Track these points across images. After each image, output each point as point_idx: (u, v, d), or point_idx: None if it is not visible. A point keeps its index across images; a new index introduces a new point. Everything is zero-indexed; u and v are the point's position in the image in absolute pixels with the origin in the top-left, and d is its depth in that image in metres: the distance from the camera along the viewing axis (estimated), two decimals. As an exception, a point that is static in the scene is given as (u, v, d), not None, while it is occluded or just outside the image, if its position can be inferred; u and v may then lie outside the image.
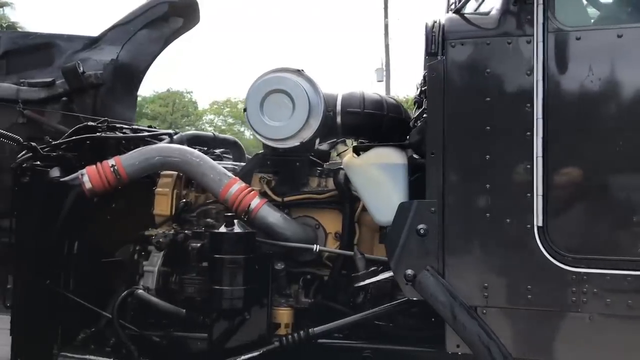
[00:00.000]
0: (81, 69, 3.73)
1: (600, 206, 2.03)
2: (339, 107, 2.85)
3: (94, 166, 2.70)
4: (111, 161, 2.71)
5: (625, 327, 2.00)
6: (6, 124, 3.56)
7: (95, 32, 4.12)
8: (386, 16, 25.40)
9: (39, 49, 4.09)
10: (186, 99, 39.70)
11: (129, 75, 4.05)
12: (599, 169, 2.05)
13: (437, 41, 2.17)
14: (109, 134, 2.92)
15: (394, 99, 3.01)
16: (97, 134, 2.90)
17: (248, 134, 37.08)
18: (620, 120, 2.03)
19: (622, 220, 2.00)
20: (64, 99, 3.78)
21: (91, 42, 4.05)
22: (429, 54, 2.19)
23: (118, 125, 3.06)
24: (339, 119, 2.85)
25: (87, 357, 2.58)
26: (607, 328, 2.00)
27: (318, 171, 2.91)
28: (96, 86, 3.80)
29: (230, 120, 41.62)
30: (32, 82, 3.88)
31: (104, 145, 2.89)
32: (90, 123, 2.97)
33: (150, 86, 34.09)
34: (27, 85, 3.87)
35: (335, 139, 2.89)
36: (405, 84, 42.27)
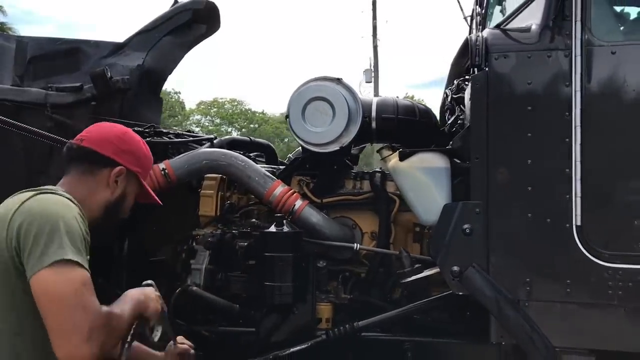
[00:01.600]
0: (109, 74, 3.84)
1: (633, 206, 2.21)
2: (374, 114, 3.01)
3: (144, 169, 2.82)
4: (161, 165, 2.84)
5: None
6: (35, 128, 3.66)
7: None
8: (374, 18, 25.73)
9: (66, 55, 4.17)
10: (173, 99, 39.59)
11: (154, 80, 4.16)
12: (631, 173, 2.22)
13: (481, 54, 2.33)
14: (157, 139, 3.04)
15: (425, 105, 3.18)
16: (146, 139, 3.01)
17: (235, 134, 37.14)
18: (651, 127, 2.21)
19: (655, 220, 2.18)
20: (92, 103, 3.88)
21: (117, 48, 4.15)
22: (473, 66, 2.35)
23: (164, 130, 3.19)
24: (374, 125, 3.01)
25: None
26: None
27: (353, 174, 3.07)
28: (123, 91, 3.90)
29: (218, 121, 41.61)
30: (60, 87, 3.96)
31: (151, 150, 3.01)
32: (137, 128, 3.09)
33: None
34: (55, 90, 3.96)
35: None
36: (394, 85, 42.57)
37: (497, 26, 2.42)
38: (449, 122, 2.93)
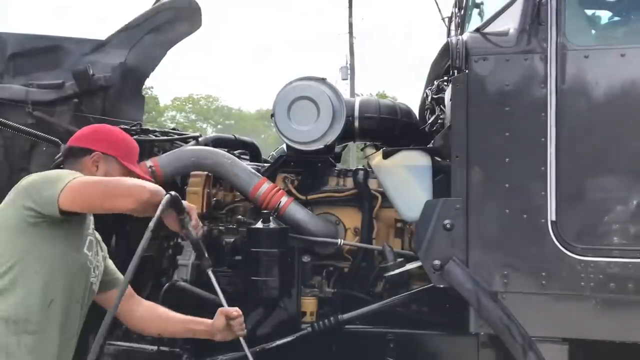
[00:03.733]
0: (91, 71, 3.85)
1: (604, 202, 2.32)
2: (357, 113, 3.10)
3: (132, 167, 2.86)
4: (149, 162, 2.89)
5: (627, 310, 2.30)
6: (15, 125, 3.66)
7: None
8: (350, 15, 25.86)
9: (47, 52, 4.17)
10: (147, 95, 39.18)
11: (135, 77, 4.19)
12: (603, 171, 2.34)
13: (462, 56, 2.43)
14: (144, 137, 3.08)
15: (406, 105, 3.27)
16: (133, 137, 3.04)
17: (210, 130, 36.96)
18: (621, 127, 2.33)
19: (624, 215, 2.30)
20: (73, 100, 3.89)
21: (99, 46, 4.16)
22: (454, 68, 2.45)
23: (150, 128, 3.22)
24: (356, 124, 3.10)
25: (132, 345, 2.75)
26: (611, 310, 2.30)
27: (336, 171, 3.16)
28: (105, 88, 3.93)
29: (193, 117, 41.34)
30: (41, 84, 3.96)
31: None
32: (123, 126, 3.12)
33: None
34: (36, 87, 3.96)
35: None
36: (370, 82, 42.82)
37: (477, 30, 2.52)
38: (430, 121, 3.03)
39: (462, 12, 3.40)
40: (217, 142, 3.36)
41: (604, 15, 2.81)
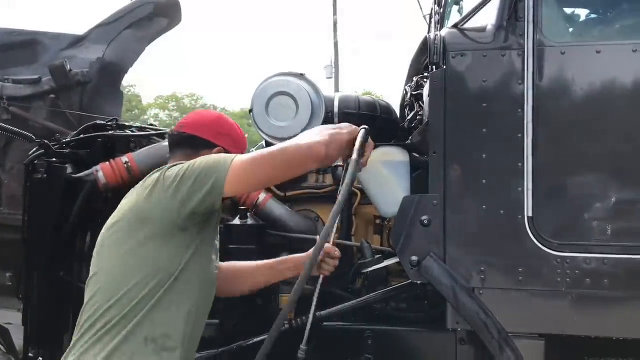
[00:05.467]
0: (68, 66, 3.80)
1: (581, 199, 2.34)
2: (336, 109, 3.09)
3: (108, 163, 2.83)
4: (124, 158, 2.85)
5: (602, 305, 2.31)
6: (-11, 120, 3.60)
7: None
8: (335, 14, 25.85)
9: (23, 46, 4.11)
10: (130, 93, 38.83)
11: (114, 73, 4.14)
12: (579, 167, 2.35)
13: (439, 52, 2.43)
14: (120, 133, 3.04)
15: (386, 102, 3.27)
16: (109, 132, 3.01)
17: (194, 129, 36.48)
18: (598, 124, 2.34)
19: (601, 211, 2.31)
20: (50, 96, 3.83)
21: (76, 41, 4.11)
22: (432, 64, 2.45)
23: (127, 124, 3.18)
24: (336, 120, 3.08)
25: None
26: (587, 306, 2.32)
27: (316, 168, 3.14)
28: (83, 84, 3.88)
29: (176, 115, 41.03)
30: (17, 79, 3.90)
31: (114, 143, 3.01)
32: (99, 122, 3.08)
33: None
34: (12, 82, 3.89)
35: None
36: (354, 81, 42.90)
37: (455, 26, 2.52)
38: (409, 118, 3.03)
39: (442, 9, 3.40)
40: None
41: (581, 11, 2.83)
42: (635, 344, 2.34)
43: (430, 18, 3.65)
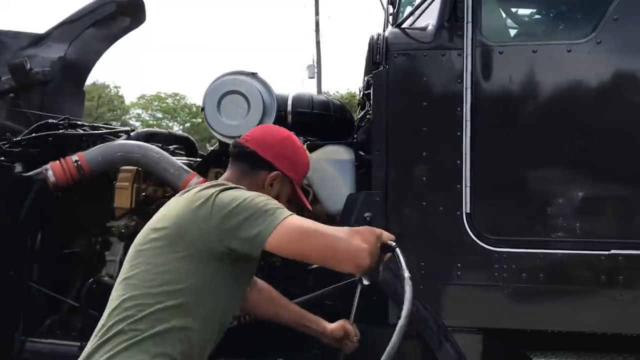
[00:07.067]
0: (28, 65, 3.79)
1: (517, 195, 2.39)
2: (289, 108, 3.10)
3: (57, 162, 2.83)
4: (74, 157, 2.85)
5: (538, 299, 2.36)
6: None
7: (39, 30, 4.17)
8: (317, 13, 25.91)
9: (-18, 45, 4.09)
10: (112, 93, 38.52)
11: (76, 72, 4.14)
12: (516, 164, 2.41)
13: (382, 52, 2.47)
14: (71, 131, 3.04)
15: (340, 101, 3.29)
16: (60, 131, 3.01)
17: (176, 128, 36.55)
18: (533, 122, 2.39)
19: (535, 207, 2.37)
20: (10, 95, 3.82)
21: (38, 39, 4.11)
22: (374, 63, 2.48)
23: (79, 122, 3.19)
24: (289, 119, 3.10)
25: (55, 341, 2.72)
26: (523, 300, 2.37)
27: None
28: (43, 83, 3.87)
29: (159, 115, 40.79)
30: (-25, 78, 3.88)
31: (65, 142, 3.02)
32: (51, 120, 3.08)
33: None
34: (-31, 81, 3.87)
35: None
36: (337, 80, 42.93)
37: (398, 25, 2.56)
38: (359, 116, 3.06)
39: (396, 9, 3.43)
40: (149, 137, 3.34)
41: (519, 12, 2.88)
42: (574, 337, 2.40)
43: (385, 18, 3.69)
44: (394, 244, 1.85)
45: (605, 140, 2.33)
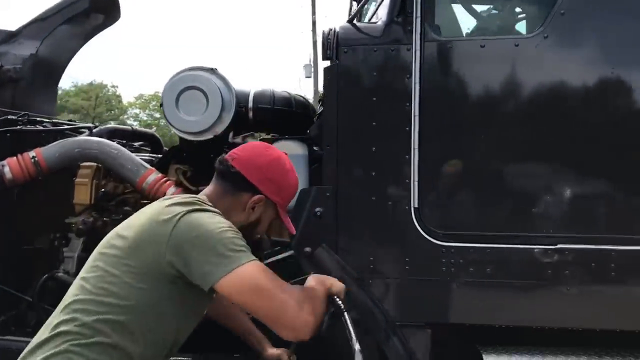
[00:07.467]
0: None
1: (465, 190, 2.39)
2: (250, 104, 3.11)
3: (14, 158, 2.83)
4: (32, 153, 2.86)
5: (486, 293, 2.36)
6: None
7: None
8: (314, 13, 25.90)
9: (-49, 41, 4.08)
10: (110, 92, 38.54)
11: (48, 69, 4.13)
12: (463, 159, 2.40)
13: (333, 47, 2.47)
14: (29, 127, 3.05)
15: (303, 97, 3.30)
16: (18, 127, 3.02)
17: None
18: (480, 117, 2.39)
19: (483, 202, 2.37)
20: (-20, 92, 3.81)
21: (9, 36, 4.09)
22: (325, 58, 2.48)
23: (38, 119, 3.19)
24: (250, 115, 3.11)
25: (7, 337, 2.72)
26: (471, 294, 2.37)
27: (232, 162, 3.16)
28: (15, 80, 3.87)
29: (157, 115, 40.78)
30: (-55, 75, 3.87)
31: (24, 138, 3.02)
32: (10, 117, 3.09)
33: (69, 79, 32.99)
34: (-61, 78, 3.86)
35: (247, 133, 3.15)
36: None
37: (349, 21, 2.56)
38: (319, 112, 3.06)
39: (360, 5, 3.43)
40: (112, 134, 3.34)
41: (467, 7, 2.88)
42: (523, 331, 2.40)
43: (350, 14, 3.68)
44: (342, 306, 1.87)
45: (552, 134, 2.33)
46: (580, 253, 2.28)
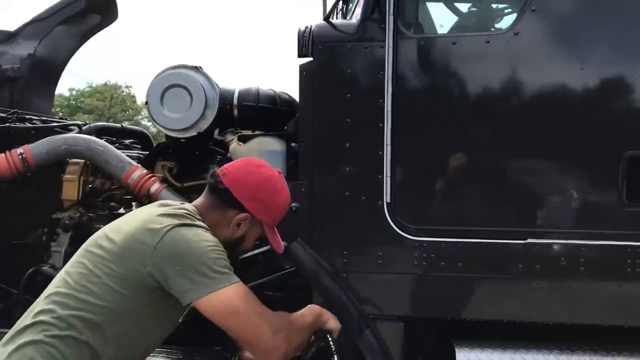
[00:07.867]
0: (-2, 62, 3.87)
1: (436, 185, 2.42)
2: (235, 101, 3.15)
3: (2, 154, 2.90)
4: (19, 149, 2.92)
5: (457, 287, 2.39)
6: None
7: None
8: (324, 5, 25.91)
9: (-49, 41, 4.17)
10: (124, 93, 38.88)
11: (46, 69, 4.22)
12: (434, 155, 2.43)
13: (308, 44, 2.51)
14: (18, 125, 3.12)
15: (288, 95, 3.33)
16: (6, 124, 3.09)
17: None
18: (452, 113, 2.41)
19: (454, 197, 2.40)
20: (-21, 91, 3.90)
21: (7, 37, 4.18)
22: (300, 55, 2.52)
23: (28, 116, 3.26)
24: (235, 112, 3.15)
25: (-6, 329, 2.78)
26: (442, 288, 2.39)
27: (218, 159, 3.21)
28: (13, 79, 3.95)
29: (171, 115, 40.95)
30: (-56, 74, 3.96)
31: (12, 135, 3.09)
32: (1, 114, 3.16)
33: (84, 80, 33.32)
34: (-62, 77, 3.95)
35: (232, 130, 3.18)
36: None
37: (325, 18, 2.59)
38: (301, 109, 3.09)
39: (335, 2, 3.46)
40: (101, 132, 3.40)
41: (440, 5, 2.90)
42: (495, 325, 2.42)
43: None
44: (333, 347, 1.95)
45: (522, 131, 2.35)
46: (550, 248, 2.29)
